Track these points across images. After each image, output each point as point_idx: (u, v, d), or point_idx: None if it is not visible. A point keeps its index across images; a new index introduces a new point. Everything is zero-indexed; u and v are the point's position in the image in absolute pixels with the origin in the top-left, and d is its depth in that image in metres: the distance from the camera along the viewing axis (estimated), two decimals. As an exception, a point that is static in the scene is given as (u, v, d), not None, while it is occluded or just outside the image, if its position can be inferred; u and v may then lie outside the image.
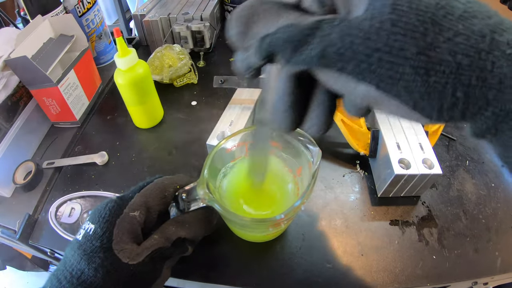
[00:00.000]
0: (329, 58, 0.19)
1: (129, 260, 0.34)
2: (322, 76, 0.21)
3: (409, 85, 0.18)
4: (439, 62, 0.17)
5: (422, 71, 0.17)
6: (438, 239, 0.50)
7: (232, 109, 0.57)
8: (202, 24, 0.81)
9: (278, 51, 0.21)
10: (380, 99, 0.19)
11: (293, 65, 0.21)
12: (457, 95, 0.17)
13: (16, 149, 0.62)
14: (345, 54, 0.19)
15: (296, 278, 0.46)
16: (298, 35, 0.20)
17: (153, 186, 0.40)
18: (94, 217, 0.36)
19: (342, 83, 0.20)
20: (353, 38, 0.18)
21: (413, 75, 0.17)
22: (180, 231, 0.39)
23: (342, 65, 0.19)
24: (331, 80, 0.21)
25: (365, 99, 0.20)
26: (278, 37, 0.21)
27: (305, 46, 0.20)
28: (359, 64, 0.18)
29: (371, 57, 0.18)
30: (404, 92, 0.18)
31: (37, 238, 0.54)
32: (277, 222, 0.37)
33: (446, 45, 0.17)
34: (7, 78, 0.62)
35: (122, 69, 0.58)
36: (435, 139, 0.58)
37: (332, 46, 0.19)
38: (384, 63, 0.18)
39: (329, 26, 0.19)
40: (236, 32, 0.23)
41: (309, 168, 0.40)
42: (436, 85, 0.17)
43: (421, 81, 0.17)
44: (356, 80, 0.19)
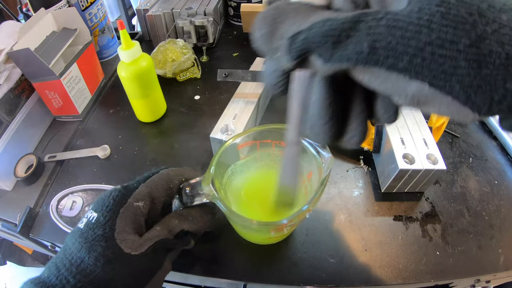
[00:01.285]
0: (379, 54, 0.18)
1: (131, 251, 0.34)
2: (365, 76, 0.19)
3: (463, 79, 0.17)
4: (489, 53, 0.16)
5: (475, 64, 0.17)
6: (441, 235, 0.49)
7: (235, 103, 0.57)
8: (205, 19, 0.81)
9: (315, 48, 0.19)
10: (431, 97, 0.18)
11: (335, 63, 0.19)
12: (507, 87, 0.17)
13: (17, 142, 0.62)
14: (396, 49, 0.17)
15: (300, 273, 0.46)
16: (339, 28, 0.18)
17: (159, 177, 0.39)
18: (98, 206, 0.36)
19: (391, 82, 0.19)
20: (403, 31, 0.17)
21: (466, 68, 0.17)
22: (183, 223, 0.38)
23: (393, 62, 0.18)
24: (377, 80, 0.19)
25: (415, 99, 0.19)
26: (315, 31, 0.19)
27: (348, 41, 0.18)
28: (412, 60, 0.17)
29: (424, 51, 0.17)
30: (458, 87, 0.17)
31: (38, 232, 0.53)
32: (279, 226, 0.37)
33: (494, 37, 0.16)
34: (9, 71, 0.62)
35: (125, 61, 0.58)
36: (439, 135, 0.57)
37: (381, 41, 0.17)
38: (438, 57, 0.17)
39: (373, 19, 0.18)
40: (261, 34, 0.21)
41: (319, 174, 0.39)
42: (488, 77, 0.17)
43: (474, 74, 0.17)
44: (408, 78, 0.18)
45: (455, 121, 0.65)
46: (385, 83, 0.19)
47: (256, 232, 0.44)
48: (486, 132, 0.65)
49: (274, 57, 0.22)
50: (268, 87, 0.24)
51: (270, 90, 0.25)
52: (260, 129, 0.42)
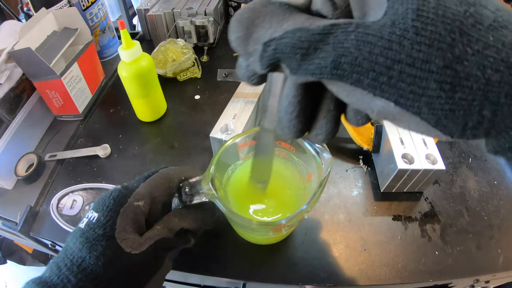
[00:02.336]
0: (343, 69, 0.17)
1: (131, 250, 0.34)
2: (333, 88, 0.19)
3: (433, 102, 0.16)
4: (466, 77, 0.15)
5: (447, 87, 0.16)
6: (440, 235, 0.50)
7: (235, 103, 0.57)
8: (206, 19, 0.81)
9: (284, 59, 0.19)
10: (398, 115, 0.18)
11: (301, 76, 0.19)
12: (483, 114, 0.16)
13: (18, 141, 0.62)
14: (361, 65, 0.17)
15: (299, 272, 0.46)
16: (308, 41, 0.18)
17: (159, 176, 0.39)
18: (98, 206, 0.36)
19: (356, 97, 0.18)
20: (371, 47, 0.16)
21: (437, 90, 0.16)
22: (183, 222, 0.39)
23: (357, 78, 0.17)
24: (343, 93, 0.19)
25: (381, 115, 0.18)
26: (285, 42, 0.19)
27: (315, 54, 0.18)
28: (378, 78, 0.17)
29: (391, 69, 0.16)
30: (426, 109, 0.16)
31: (38, 230, 0.54)
32: (278, 227, 0.37)
33: (475, 58, 0.15)
34: (10, 70, 0.62)
35: (126, 61, 0.58)
36: (439, 136, 0.58)
37: (347, 56, 0.17)
38: (406, 77, 0.16)
39: (343, 32, 0.17)
40: (237, 36, 0.21)
41: (318, 175, 0.39)
42: (462, 102, 0.16)
43: (446, 98, 0.16)
44: (372, 95, 0.17)
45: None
46: (351, 97, 0.19)
47: (255, 232, 0.44)
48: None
49: (248, 60, 0.21)
50: (243, 79, 0.25)
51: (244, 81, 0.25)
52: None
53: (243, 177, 0.46)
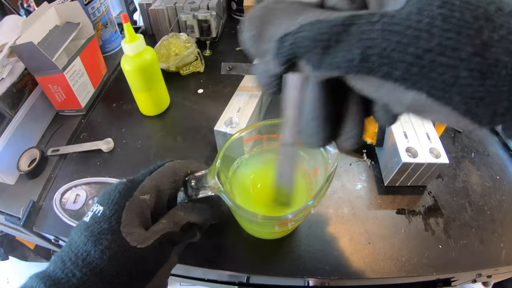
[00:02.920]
0: (372, 61, 0.16)
1: (137, 244, 0.33)
2: (359, 84, 0.18)
3: (464, 90, 0.16)
4: (495, 63, 0.15)
5: (478, 74, 0.15)
6: (444, 229, 0.50)
7: (239, 96, 0.57)
8: (208, 13, 0.81)
9: (303, 54, 0.18)
10: (429, 107, 0.17)
11: (325, 71, 0.18)
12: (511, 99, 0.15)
13: (20, 136, 0.62)
14: (391, 57, 0.16)
15: (303, 265, 0.46)
16: (328, 33, 0.17)
17: (164, 170, 0.39)
18: (103, 199, 0.35)
19: (386, 91, 0.17)
20: (400, 36, 0.16)
21: (468, 78, 0.15)
22: (189, 216, 0.38)
23: (388, 70, 0.16)
24: (370, 89, 0.18)
25: (411, 108, 0.17)
26: (302, 35, 0.17)
27: (338, 47, 0.17)
28: (409, 69, 0.16)
29: (422, 59, 0.15)
30: (458, 98, 0.16)
31: (41, 225, 0.54)
32: (283, 221, 0.37)
33: (501, 44, 0.15)
34: (12, 65, 0.62)
35: (129, 55, 0.58)
36: (442, 130, 0.58)
37: (375, 47, 0.16)
38: (437, 66, 0.15)
39: (367, 22, 0.16)
40: (249, 36, 0.20)
41: (325, 170, 0.38)
42: (492, 89, 0.15)
43: (477, 85, 0.15)
44: (404, 88, 0.16)
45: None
46: (379, 92, 0.18)
47: (261, 227, 0.44)
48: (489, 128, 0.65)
49: (263, 61, 0.20)
50: (261, 87, 0.23)
51: (264, 90, 0.23)
52: (267, 123, 0.42)
53: (249, 171, 0.46)
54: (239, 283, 0.57)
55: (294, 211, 0.35)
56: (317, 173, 0.42)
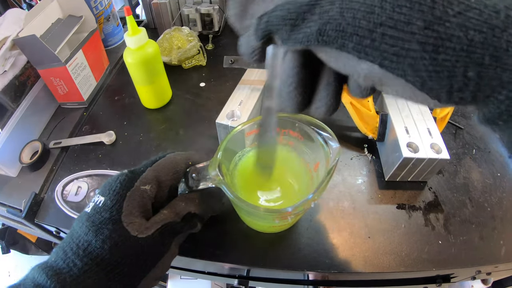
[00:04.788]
0: (328, 35, 0.18)
1: (138, 233, 0.34)
2: (323, 55, 0.20)
3: (416, 63, 0.16)
4: (448, 38, 0.16)
5: (430, 48, 0.16)
6: (444, 225, 0.50)
7: (241, 90, 0.57)
8: (211, 7, 0.81)
9: (276, 30, 0.20)
10: (384, 79, 0.18)
11: (292, 44, 0.20)
12: (468, 75, 0.16)
13: (22, 129, 0.62)
14: (345, 31, 0.18)
15: (303, 258, 0.46)
16: (296, 12, 0.19)
17: (165, 161, 0.39)
18: (105, 190, 0.36)
19: (343, 61, 0.19)
20: (355, 12, 0.17)
21: (420, 52, 0.16)
22: (190, 206, 0.39)
23: (342, 42, 0.18)
24: (332, 59, 0.20)
25: (368, 79, 0.19)
26: (275, 15, 0.20)
27: (303, 24, 0.19)
28: (361, 41, 0.17)
29: (374, 32, 0.17)
30: (411, 71, 0.17)
31: (42, 217, 0.54)
32: (283, 214, 0.37)
33: (457, 20, 0.15)
34: (15, 58, 0.62)
35: (131, 47, 0.58)
36: (443, 126, 0.58)
37: (331, 23, 0.18)
38: (388, 39, 0.17)
39: (328, 2, 0.18)
40: (234, 13, 0.23)
41: (326, 164, 0.39)
42: (446, 63, 0.16)
43: (429, 59, 0.16)
44: (357, 58, 0.18)
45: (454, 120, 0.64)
46: (338, 62, 0.20)
47: (261, 219, 0.44)
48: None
49: (246, 35, 0.23)
50: (245, 56, 0.26)
51: (247, 59, 0.26)
52: None
53: (250, 165, 0.46)
54: (239, 276, 0.57)
55: (294, 204, 0.35)
56: (319, 168, 0.42)
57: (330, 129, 0.40)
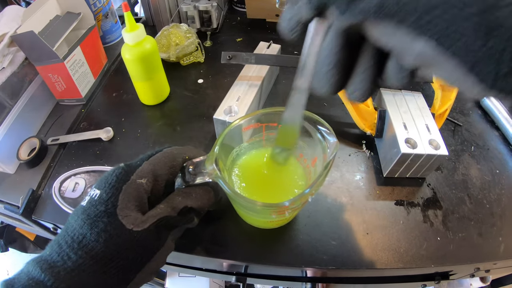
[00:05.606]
0: (389, 8, 0.19)
1: (133, 227, 0.33)
2: (376, 32, 0.20)
3: (469, 45, 0.17)
4: (499, 25, 0.16)
5: (482, 33, 0.17)
6: (442, 221, 0.50)
7: (239, 85, 0.57)
8: (209, 4, 0.81)
9: (333, 1, 0.20)
10: (436, 58, 0.19)
11: (349, 17, 0.20)
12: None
13: (20, 125, 0.62)
14: (407, 5, 0.18)
15: (301, 255, 0.46)
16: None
17: (162, 155, 0.39)
18: (101, 183, 0.36)
19: (398, 38, 0.19)
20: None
21: (473, 35, 0.17)
22: (187, 200, 0.38)
23: (402, 17, 0.18)
24: (386, 35, 0.20)
25: (420, 58, 0.19)
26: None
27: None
28: (421, 17, 0.18)
29: (434, 10, 0.17)
30: (464, 51, 0.17)
31: (40, 214, 0.54)
32: (280, 209, 0.37)
33: (507, 9, 0.16)
34: (13, 55, 0.62)
35: (129, 44, 0.58)
36: (441, 122, 0.58)
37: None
38: (448, 17, 0.17)
39: None
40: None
41: (324, 159, 0.39)
42: (495, 48, 0.17)
43: (481, 42, 0.17)
44: (415, 35, 0.18)
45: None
46: (394, 38, 0.20)
47: (258, 214, 0.44)
48: (489, 122, 0.65)
49: (296, 6, 0.22)
50: (284, 32, 0.25)
51: (286, 35, 0.25)
52: (266, 111, 0.42)
53: (247, 160, 0.46)
54: (237, 273, 0.57)
55: (291, 199, 0.35)
56: (316, 163, 0.42)
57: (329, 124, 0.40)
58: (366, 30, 0.21)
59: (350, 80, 0.25)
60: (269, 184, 0.45)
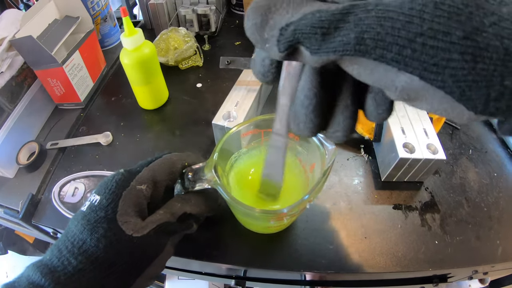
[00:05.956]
0: (366, 44, 0.17)
1: (133, 232, 0.34)
2: (354, 68, 0.19)
3: (456, 73, 0.16)
4: (486, 47, 0.16)
5: (469, 57, 0.16)
6: (440, 225, 0.50)
7: (238, 90, 0.57)
8: (208, 8, 0.81)
9: (304, 39, 0.19)
10: (422, 91, 0.18)
11: (323, 55, 0.19)
12: (505, 84, 0.16)
13: (19, 130, 0.62)
14: (385, 40, 0.17)
15: (300, 259, 0.46)
16: (328, 20, 0.18)
17: (161, 161, 0.40)
18: (101, 189, 0.36)
19: (379, 74, 0.18)
20: (393, 22, 0.17)
21: (460, 61, 0.16)
22: (186, 206, 0.39)
23: (381, 53, 0.17)
24: (366, 72, 0.19)
25: (404, 92, 0.18)
26: (304, 23, 0.18)
27: (336, 33, 0.18)
28: (401, 51, 0.17)
29: (414, 42, 0.16)
30: (451, 81, 0.16)
31: (40, 218, 0.54)
32: (279, 215, 0.37)
33: (492, 30, 0.16)
34: (11, 59, 0.62)
35: (128, 48, 0.58)
36: (439, 126, 0.58)
37: (369, 31, 0.17)
38: (429, 49, 0.16)
39: (363, 10, 0.17)
40: (252, 23, 0.20)
41: (322, 165, 0.39)
42: (484, 73, 0.16)
43: (468, 68, 0.16)
44: (396, 70, 0.17)
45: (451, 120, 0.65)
46: (374, 75, 0.19)
47: (256, 220, 0.44)
48: (487, 125, 0.65)
49: (265, 47, 0.21)
50: (258, 76, 0.24)
51: (260, 79, 0.24)
52: (265, 117, 0.42)
53: (246, 165, 0.46)
54: (236, 277, 0.57)
55: (290, 205, 0.35)
56: (314, 169, 0.42)
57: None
58: (343, 66, 0.20)
59: (331, 121, 0.24)
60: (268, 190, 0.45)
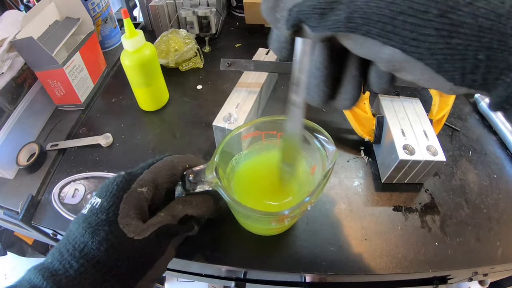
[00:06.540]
0: (355, 22, 0.20)
1: (134, 235, 0.34)
2: (348, 43, 0.22)
3: (433, 47, 0.18)
4: (461, 24, 0.18)
5: (444, 33, 0.18)
6: (440, 227, 0.50)
7: (238, 92, 0.57)
8: (208, 10, 0.81)
9: (306, 19, 0.22)
10: (404, 63, 0.20)
11: (320, 32, 0.22)
12: (479, 57, 0.18)
13: (19, 131, 0.62)
14: (370, 18, 0.19)
15: (300, 261, 0.46)
16: (325, 2, 0.21)
17: (162, 164, 0.40)
18: (101, 192, 0.36)
19: (367, 47, 0.21)
20: (378, 2, 0.19)
21: (436, 37, 0.18)
22: (187, 208, 0.39)
23: (367, 29, 0.20)
24: (357, 46, 0.22)
25: (390, 64, 0.21)
26: (306, 4, 0.21)
27: (332, 13, 0.21)
28: (384, 27, 0.19)
29: (395, 19, 0.19)
30: (428, 54, 0.19)
31: (39, 219, 0.54)
32: (280, 217, 0.37)
33: (467, 9, 0.17)
34: (12, 60, 0.62)
35: (129, 50, 0.58)
36: (439, 128, 0.58)
37: (358, 11, 0.20)
38: (408, 25, 0.19)
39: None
40: (267, 6, 0.24)
41: (323, 167, 0.39)
42: (459, 47, 0.18)
43: (444, 43, 0.18)
44: (381, 43, 0.20)
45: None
46: (363, 48, 0.21)
47: (257, 222, 0.44)
48: (486, 127, 0.65)
49: (277, 26, 0.24)
50: (275, 52, 0.28)
51: (277, 54, 0.28)
52: (266, 120, 0.42)
53: (247, 167, 0.46)
54: (236, 278, 0.57)
55: (291, 207, 0.35)
56: (315, 170, 0.42)
57: (327, 131, 0.40)
58: (340, 41, 0.22)
59: (339, 90, 0.27)
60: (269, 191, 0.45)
